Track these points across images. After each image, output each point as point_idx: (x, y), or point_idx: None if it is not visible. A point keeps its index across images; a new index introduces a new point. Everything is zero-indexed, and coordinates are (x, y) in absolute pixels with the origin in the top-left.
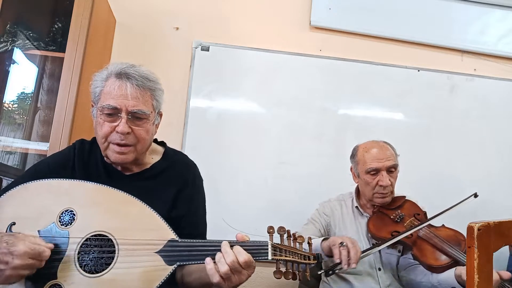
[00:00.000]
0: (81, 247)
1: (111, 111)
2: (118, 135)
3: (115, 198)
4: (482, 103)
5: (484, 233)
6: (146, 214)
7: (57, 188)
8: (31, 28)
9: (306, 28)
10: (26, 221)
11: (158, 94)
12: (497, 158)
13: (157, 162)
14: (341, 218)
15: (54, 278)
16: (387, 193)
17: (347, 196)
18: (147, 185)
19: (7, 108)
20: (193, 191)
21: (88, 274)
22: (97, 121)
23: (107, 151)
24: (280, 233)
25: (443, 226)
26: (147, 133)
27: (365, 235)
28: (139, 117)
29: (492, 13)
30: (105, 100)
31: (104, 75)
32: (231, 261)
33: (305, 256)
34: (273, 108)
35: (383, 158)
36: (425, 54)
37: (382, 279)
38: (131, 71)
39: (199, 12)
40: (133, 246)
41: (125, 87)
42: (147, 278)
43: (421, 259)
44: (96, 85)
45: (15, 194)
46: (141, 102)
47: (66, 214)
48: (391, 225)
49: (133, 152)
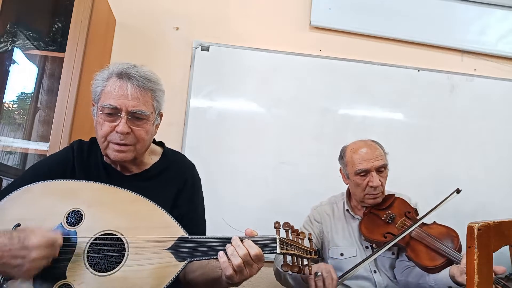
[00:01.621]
0: (90, 247)
1: (111, 110)
2: (118, 135)
3: (122, 197)
4: (482, 103)
5: (484, 233)
6: (155, 212)
7: (63, 189)
8: (31, 28)
9: (306, 28)
10: (31, 223)
11: (159, 94)
12: (497, 158)
13: (156, 163)
14: (332, 223)
15: (63, 278)
16: (378, 193)
17: (339, 198)
18: (147, 185)
19: (7, 108)
20: (193, 191)
21: (98, 273)
22: (97, 121)
23: (107, 150)
24: (286, 228)
25: (435, 223)
26: (147, 133)
27: (358, 240)
28: (139, 117)
29: (492, 13)
30: (105, 100)
31: (105, 74)
32: (243, 254)
33: (307, 251)
34: (273, 108)
35: (371, 158)
36: (425, 54)
37: (378, 281)
38: (132, 71)
39: (199, 12)
40: (143, 244)
41: (125, 87)
42: (159, 274)
43: (416, 260)
44: (97, 84)
45: (19, 196)
46: (142, 102)
47: (73, 214)
48: (383, 227)
49: (133, 151)
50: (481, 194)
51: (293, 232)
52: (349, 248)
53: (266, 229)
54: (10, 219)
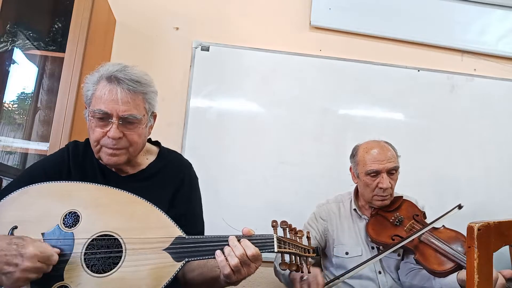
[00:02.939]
0: (87, 248)
1: (102, 115)
2: (110, 140)
3: (119, 198)
4: (482, 103)
5: (484, 233)
6: (152, 213)
7: (59, 191)
8: (31, 28)
9: (306, 28)
10: (28, 225)
11: (151, 96)
12: (497, 158)
13: (152, 163)
14: (338, 221)
15: (60, 280)
16: (386, 195)
17: (346, 196)
18: (143, 185)
19: (7, 108)
20: (190, 190)
21: (96, 274)
22: (89, 125)
23: (100, 154)
24: (283, 227)
25: (444, 227)
26: (139, 136)
27: (364, 239)
28: (130, 122)
29: (492, 13)
30: (96, 105)
31: (95, 77)
32: (240, 254)
33: (305, 249)
34: (273, 108)
35: (384, 159)
36: (425, 54)
37: (382, 282)
38: (122, 75)
39: (199, 12)
40: (140, 244)
41: (115, 92)
42: (157, 275)
43: (425, 264)
44: (87, 88)
45: (15, 198)
46: (132, 106)
47: (70, 216)
48: (391, 229)
49: (125, 154)
50: (481, 194)
51: (291, 231)
52: (354, 247)
53: (266, 229)
54: (7, 222)
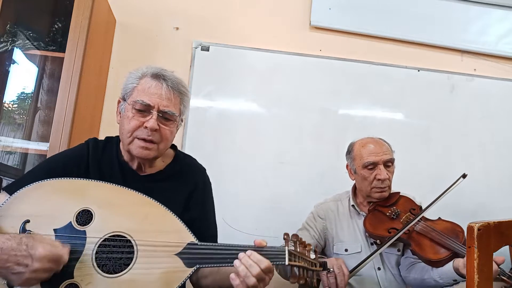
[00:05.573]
0: (99, 247)
1: (144, 107)
2: (146, 131)
3: (133, 199)
4: (482, 103)
5: (484, 233)
6: (165, 216)
7: (74, 188)
8: (31, 28)
9: (306, 28)
10: (41, 220)
11: (186, 100)
12: (497, 158)
13: (169, 165)
14: (337, 219)
15: (70, 278)
16: (385, 187)
17: (344, 195)
18: (159, 186)
19: (7, 108)
20: (204, 194)
21: (106, 274)
22: (126, 115)
23: (131, 145)
24: (294, 240)
25: (440, 219)
26: (171, 134)
27: (363, 236)
28: (167, 118)
29: (492, 13)
30: (138, 96)
31: (139, 73)
32: (257, 273)
33: (313, 263)
34: (273, 108)
35: (380, 152)
36: (425, 54)
37: (381, 278)
38: (168, 73)
39: (199, 12)
40: (152, 247)
41: (160, 87)
42: (167, 279)
43: (420, 254)
44: (130, 81)
45: (29, 192)
46: (172, 104)
47: (83, 213)
48: (387, 222)
49: (156, 150)
50: (481, 194)
51: (301, 244)
52: (353, 244)
53: (266, 229)
54: (19, 215)
